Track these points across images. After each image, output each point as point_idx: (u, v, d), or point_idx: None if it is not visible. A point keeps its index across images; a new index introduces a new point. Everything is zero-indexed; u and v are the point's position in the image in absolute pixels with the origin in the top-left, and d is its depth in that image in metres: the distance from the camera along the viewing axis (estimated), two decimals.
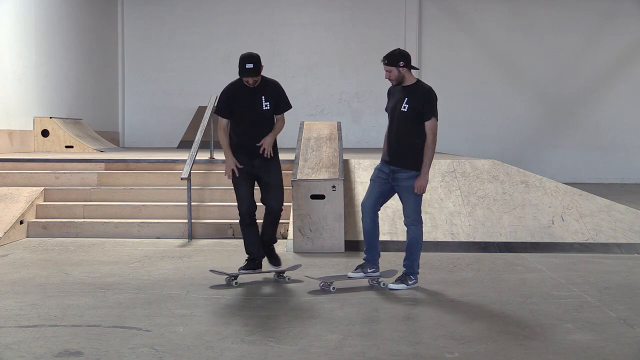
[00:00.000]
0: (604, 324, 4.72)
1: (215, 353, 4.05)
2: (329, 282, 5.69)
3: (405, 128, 5.69)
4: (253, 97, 5.86)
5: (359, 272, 5.86)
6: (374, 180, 5.86)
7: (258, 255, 6.14)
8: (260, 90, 5.88)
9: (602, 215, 8.19)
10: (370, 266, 5.86)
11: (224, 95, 5.92)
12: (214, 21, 17.71)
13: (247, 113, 5.88)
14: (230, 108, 5.88)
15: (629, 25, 17.71)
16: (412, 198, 5.72)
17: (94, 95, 16.13)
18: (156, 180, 9.39)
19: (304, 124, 9.94)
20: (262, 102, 5.88)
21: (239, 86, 5.88)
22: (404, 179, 5.70)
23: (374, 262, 5.87)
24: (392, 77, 5.75)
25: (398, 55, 5.73)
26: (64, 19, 14.42)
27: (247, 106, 5.86)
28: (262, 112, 5.89)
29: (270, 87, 5.95)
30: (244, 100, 5.86)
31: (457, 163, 8.94)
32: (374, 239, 5.86)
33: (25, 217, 8.36)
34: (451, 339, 4.36)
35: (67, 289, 5.65)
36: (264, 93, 5.89)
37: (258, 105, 5.87)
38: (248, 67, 5.70)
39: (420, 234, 5.79)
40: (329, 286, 5.65)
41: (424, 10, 17.78)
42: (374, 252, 5.87)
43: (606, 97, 17.83)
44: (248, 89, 5.85)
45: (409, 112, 5.66)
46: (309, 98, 17.72)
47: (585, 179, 17.18)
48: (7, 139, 11.91)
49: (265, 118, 5.93)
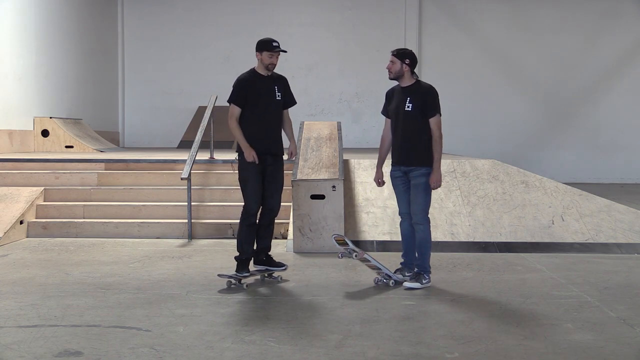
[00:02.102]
0: (604, 324, 4.71)
1: (215, 353, 4.05)
2: (351, 250, 5.73)
3: (411, 127, 5.79)
4: (268, 86, 5.98)
5: (399, 274, 5.94)
6: (395, 187, 5.97)
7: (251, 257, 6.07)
8: (273, 81, 6.03)
9: (602, 215, 8.19)
10: (408, 270, 5.94)
11: (241, 84, 5.96)
12: (214, 21, 17.71)
13: (262, 102, 5.94)
14: (246, 97, 5.92)
15: (629, 25, 17.70)
16: (422, 196, 5.80)
17: (94, 95, 16.13)
18: (156, 180, 9.39)
19: (304, 124, 9.94)
20: (276, 91, 6.01)
21: (254, 76, 6.00)
22: (416, 177, 5.80)
23: (411, 266, 5.94)
24: (393, 69, 5.83)
25: (408, 54, 5.86)
26: (64, 19, 14.42)
27: (262, 95, 5.94)
28: (275, 102, 6.01)
29: (281, 79, 6.11)
30: (259, 89, 5.95)
31: (457, 163, 8.94)
32: (412, 243, 5.94)
33: (25, 217, 8.36)
34: (451, 339, 4.36)
35: (67, 289, 5.65)
36: (276, 84, 6.04)
37: (272, 95, 5.99)
38: (277, 44, 5.96)
39: (429, 232, 5.86)
40: (351, 254, 5.72)
41: (424, 10, 17.77)
42: (412, 255, 5.95)
43: (606, 97, 17.82)
44: (263, 79, 5.97)
45: (413, 110, 5.76)
46: (309, 98, 17.70)
47: (585, 179, 17.17)
48: (7, 139, 11.91)
49: (278, 108, 6.04)
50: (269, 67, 5.96)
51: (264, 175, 5.97)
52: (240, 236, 5.99)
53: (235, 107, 5.92)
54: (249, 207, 5.93)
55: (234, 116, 5.92)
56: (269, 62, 5.94)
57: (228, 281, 5.82)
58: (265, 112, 5.95)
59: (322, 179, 7.74)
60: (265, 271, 6.10)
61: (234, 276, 5.86)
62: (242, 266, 5.93)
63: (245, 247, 5.99)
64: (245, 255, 5.97)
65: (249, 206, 5.93)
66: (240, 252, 5.98)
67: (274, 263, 6.13)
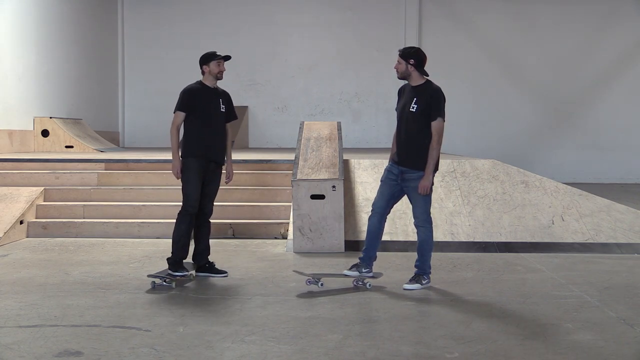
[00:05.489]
0: (604, 324, 4.71)
1: (215, 353, 4.05)
2: (317, 278, 5.70)
3: (414, 128, 5.70)
4: (213, 97, 6.23)
5: (354, 270, 5.85)
6: (384, 182, 5.88)
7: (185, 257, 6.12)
8: (217, 94, 6.29)
9: (602, 215, 8.19)
10: (365, 266, 5.85)
11: (189, 93, 6.22)
12: (214, 21, 17.70)
13: (208, 111, 6.18)
14: (193, 106, 6.15)
15: (629, 26, 17.69)
16: (421, 199, 5.73)
17: (94, 95, 16.13)
18: (156, 180, 9.39)
19: (304, 124, 9.94)
20: (220, 104, 6.26)
21: (201, 87, 6.25)
22: (413, 180, 5.71)
23: (369, 262, 5.87)
24: (399, 69, 5.78)
25: (412, 53, 5.79)
26: (64, 19, 14.42)
27: (208, 105, 6.18)
28: (220, 113, 6.25)
29: (225, 94, 6.36)
30: (206, 99, 6.19)
31: (457, 163, 8.94)
32: (376, 240, 5.87)
33: (25, 217, 8.36)
34: (451, 339, 4.36)
35: (67, 289, 5.66)
36: (220, 97, 6.30)
37: (217, 106, 6.24)
38: (226, 55, 6.26)
39: (431, 234, 5.81)
40: (317, 282, 5.66)
41: (424, 10, 17.77)
42: (372, 253, 5.87)
43: (606, 97, 17.82)
44: (209, 90, 6.22)
45: (417, 112, 5.66)
46: (309, 98, 17.72)
47: (585, 179, 17.16)
48: (7, 139, 11.91)
49: (222, 119, 6.29)
50: (219, 75, 6.22)
51: (203, 180, 6.15)
52: (178, 236, 6.08)
53: (180, 115, 6.16)
54: (187, 208, 6.09)
55: (175, 124, 6.19)
56: (218, 70, 6.20)
57: (152, 282, 5.79)
58: (211, 121, 6.19)
59: (322, 179, 7.74)
60: (207, 277, 6.18)
61: (168, 276, 5.86)
62: (177, 266, 6.01)
63: (180, 247, 6.06)
64: (180, 256, 6.06)
65: (189, 206, 6.09)
66: (175, 252, 6.06)
67: (216, 270, 6.24)
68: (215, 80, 6.24)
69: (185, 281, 5.96)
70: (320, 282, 5.68)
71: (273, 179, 9.36)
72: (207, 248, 6.29)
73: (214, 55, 6.22)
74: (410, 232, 7.51)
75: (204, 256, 6.24)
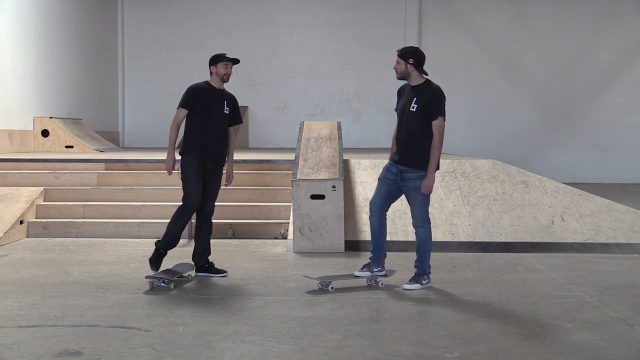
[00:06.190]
0: (604, 324, 4.71)
1: (215, 353, 4.05)
2: (327, 282, 5.69)
3: (414, 128, 5.69)
4: (217, 98, 6.21)
5: (366, 271, 5.87)
6: (381, 180, 5.87)
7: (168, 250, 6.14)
8: (223, 96, 6.26)
9: (602, 215, 8.19)
10: (376, 265, 5.88)
11: (193, 91, 6.20)
12: (214, 21, 17.70)
13: (210, 111, 6.16)
14: (196, 104, 6.14)
15: (629, 26, 17.70)
16: (420, 199, 5.72)
17: (94, 95, 16.13)
18: (156, 180, 9.39)
19: (304, 124, 9.94)
20: (224, 105, 6.23)
21: (206, 86, 6.23)
22: (413, 179, 5.70)
23: (379, 261, 5.90)
24: (398, 69, 5.77)
25: (411, 53, 5.80)
26: (64, 19, 14.41)
27: (212, 105, 6.17)
28: (223, 115, 6.23)
29: (230, 97, 6.35)
30: (210, 99, 6.17)
31: (457, 163, 8.94)
32: (381, 239, 5.90)
33: (25, 217, 8.36)
34: (451, 339, 4.36)
35: (67, 289, 5.66)
36: (226, 99, 6.28)
37: (221, 108, 6.22)
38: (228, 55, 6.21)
39: (429, 234, 5.81)
40: (327, 286, 5.65)
41: (424, 10, 17.77)
42: (381, 251, 5.89)
43: (606, 97, 17.82)
44: (214, 91, 6.20)
45: (417, 112, 5.66)
46: (309, 98, 17.72)
47: (585, 179, 17.17)
48: (7, 139, 11.91)
49: (225, 121, 6.28)
50: (224, 77, 6.21)
51: (203, 179, 6.15)
52: (172, 229, 6.07)
53: (181, 112, 6.15)
54: (189, 204, 6.08)
55: (176, 120, 6.18)
56: (224, 72, 6.18)
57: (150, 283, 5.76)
58: (212, 121, 6.17)
59: (322, 179, 7.74)
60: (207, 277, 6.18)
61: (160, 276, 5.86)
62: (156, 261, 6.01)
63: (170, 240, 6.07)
64: (166, 248, 6.07)
65: (190, 203, 6.08)
66: (163, 243, 6.08)
67: (215, 270, 6.24)
68: (221, 82, 6.22)
69: (184, 281, 5.96)
70: (330, 285, 5.67)
71: (273, 179, 9.36)
72: (208, 248, 6.28)
73: (222, 57, 6.20)
74: (410, 232, 7.50)
75: (204, 256, 6.24)
